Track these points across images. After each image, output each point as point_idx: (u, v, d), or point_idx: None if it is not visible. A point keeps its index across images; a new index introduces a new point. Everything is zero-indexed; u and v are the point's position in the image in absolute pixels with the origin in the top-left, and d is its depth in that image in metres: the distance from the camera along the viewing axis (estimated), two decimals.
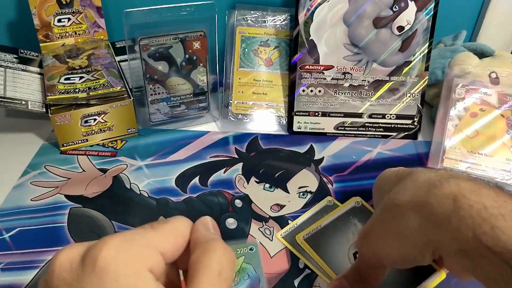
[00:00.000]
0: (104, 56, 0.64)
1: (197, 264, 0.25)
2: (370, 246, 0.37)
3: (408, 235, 0.33)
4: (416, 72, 0.60)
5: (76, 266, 0.24)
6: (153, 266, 0.24)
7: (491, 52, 0.63)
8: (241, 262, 0.44)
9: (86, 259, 0.23)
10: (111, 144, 0.60)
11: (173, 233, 0.27)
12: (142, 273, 0.24)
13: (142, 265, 0.24)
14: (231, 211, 0.50)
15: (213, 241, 0.26)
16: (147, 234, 0.26)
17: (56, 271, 0.24)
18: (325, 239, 0.46)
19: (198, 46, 0.57)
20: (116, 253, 0.23)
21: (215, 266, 0.25)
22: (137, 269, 0.24)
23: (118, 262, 0.23)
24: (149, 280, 0.24)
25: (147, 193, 0.52)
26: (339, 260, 0.44)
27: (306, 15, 0.59)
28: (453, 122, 0.56)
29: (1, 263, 0.44)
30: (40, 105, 0.58)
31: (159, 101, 0.60)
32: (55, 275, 0.24)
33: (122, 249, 0.24)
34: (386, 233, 0.35)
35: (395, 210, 0.34)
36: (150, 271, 0.24)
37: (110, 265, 0.23)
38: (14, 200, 0.51)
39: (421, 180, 0.34)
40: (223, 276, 0.25)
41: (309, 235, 0.46)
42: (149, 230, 0.26)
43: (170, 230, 0.27)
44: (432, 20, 0.58)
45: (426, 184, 0.33)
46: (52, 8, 0.64)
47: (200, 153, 0.58)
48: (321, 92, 0.61)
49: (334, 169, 0.56)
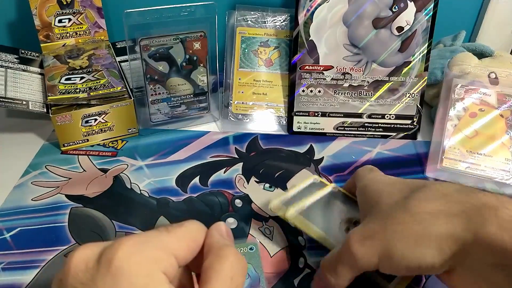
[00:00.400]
0: (105, 57, 0.64)
1: (210, 270, 0.26)
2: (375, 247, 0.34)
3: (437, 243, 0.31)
4: (416, 72, 0.60)
5: (91, 266, 0.24)
6: (166, 269, 0.25)
7: (491, 53, 0.63)
8: None
9: (102, 259, 0.24)
10: (112, 144, 0.60)
11: (187, 237, 0.27)
12: (155, 275, 0.24)
13: (156, 267, 0.24)
14: (231, 211, 0.50)
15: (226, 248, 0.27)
16: (161, 237, 0.26)
17: (71, 270, 0.24)
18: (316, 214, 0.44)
19: (198, 47, 0.57)
20: (131, 254, 0.24)
21: (228, 273, 0.26)
22: (151, 271, 0.24)
23: (132, 263, 0.24)
24: (162, 282, 0.24)
25: (147, 193, 0.52)
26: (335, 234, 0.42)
27: (306, 15, 0.59)
28: (453, 122, 0.56)
29: (2, 263, 0.44)
30: (40, 105, 0.58)
31: (159, 101, 0.60)
32: (70, 274, 0.24)
33: (137, 250, 0.24)
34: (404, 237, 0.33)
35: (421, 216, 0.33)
36: (164, 273, 0.25)
37: (125, 266, 0.23)
38: (15, 200, 0.51)
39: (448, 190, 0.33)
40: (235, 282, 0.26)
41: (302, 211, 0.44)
42: (164, 233, 0.27)
43: (184, 234, 0.27)
44: (431, 20, 0.58)
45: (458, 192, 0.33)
46: (53, 8, 0.64)
47: (200, 153, 0.58)
48: (321, 93, 0.61)
49: (333, 169, 0.56)
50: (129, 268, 0.23)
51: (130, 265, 0.24)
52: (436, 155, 0.56)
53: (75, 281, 0.24)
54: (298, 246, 0.46)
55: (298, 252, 0.46)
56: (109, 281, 0.23)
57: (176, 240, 0.26)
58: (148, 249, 0.25)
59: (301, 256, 0.45)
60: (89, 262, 0.24)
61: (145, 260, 0.24)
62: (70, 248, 0.46)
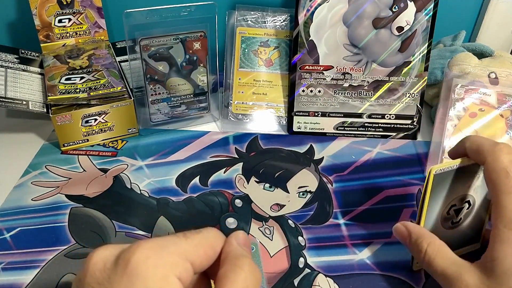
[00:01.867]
0: (105, 57, 0.64)
1: (225, 279, 0.26)
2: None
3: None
4: (416, 72, 0.60)
5: (109, 266, 0.25)
6: (181, 274, 0.25)
7: (491, 53, 0.63)
8: None
9: (119, 260, 0.25)
10: (112, 144, 0.60)
11: (204, 244, 0.28)
12: (170, 279, 0.25)
13: (171, 271, 0.25)
14: (231, 211, 0.50)
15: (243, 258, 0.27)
16: (179, 242, 0.27)
17: (90, 269, 0.25)
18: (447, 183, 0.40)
19: (198, 47, 0.57)
20: (148, 257, 0.24)
21: (241, 284, 0.26)
22: (166, 274, 0.24)
23: (148, 266, 0.24)
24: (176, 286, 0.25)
25: (147, 193, 0.52)
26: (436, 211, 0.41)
27: (306, 15, 0.59)
28: (453, 122, 0.56)
29: (2, 263, 0.44)
30: (40, 105, 0.58)
31: (159, 101, 0.60)
32: (88, 273, 0.25)
33: (154, 254, 0.25)
34: None
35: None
36: (178, 278, 0.25)
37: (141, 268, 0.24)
38: (15, 200, 0.51)
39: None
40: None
41: (442, 171, 0.40)
42: (182, 239, 0.27)
43: (201, 240, 0.28)
44: (431, 20, 0.58)
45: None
46: (53, 8, 0.64)
47: (200, 153, 0.58)
48: (321, 92, 0.61)
49: (333, 169, 0.56)
50: (145, 270, 0.24)
51: (147, 267, 0.24)
52: (436, 155, 0.56)
53: (92, 280, 0.25)
54: (298, 246, 0.46)
55: (298, 252, 0.46)
56: (125, 282, 0.24)
57: (193, 246, 0.27)
58: (165, 253, 0.25)
59: (301, 256, 0.45)
60: (107, 262, 0.25)
61: (161, 263, 0.25)
62: (70, 248, 0.46)
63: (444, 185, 0.40)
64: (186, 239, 0.27)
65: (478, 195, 0.42)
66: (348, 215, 0.50)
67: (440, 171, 0.39)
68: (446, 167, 0.39)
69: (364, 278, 0.43)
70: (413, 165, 0.57)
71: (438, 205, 0.41)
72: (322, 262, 0.45)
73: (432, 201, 0.40)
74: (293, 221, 0.49)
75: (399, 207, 0.51)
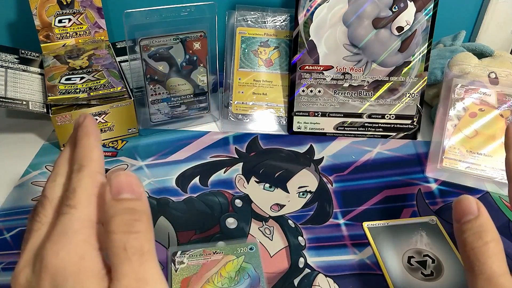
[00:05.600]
0: (105, 57, 0.64)
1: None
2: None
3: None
4: (416, 72, 0.60)
5: (29, 278, 0.25)
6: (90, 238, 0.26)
7: (490, 52, 0.63)
8: (241, 261, 0.44)
9: (35, 268, 0.25)
10: (112, 144, 0.60)
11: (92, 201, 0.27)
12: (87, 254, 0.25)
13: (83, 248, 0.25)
14: (231, 211, 0.50)
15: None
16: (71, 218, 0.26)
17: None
18: (387, 235, 0.47)
19: (198, 47, 0.58)
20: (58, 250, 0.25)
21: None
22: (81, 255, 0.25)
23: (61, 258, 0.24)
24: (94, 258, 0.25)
25: (147, 193, 0.52)
26: (393, 259, 0.45)
27: (305, 15, 0.59)
28: (453, 122, 0.56)
29: (2, 263, 0.44)
30: (41, 105, 0.58)
31: (159, 102, 0.60)
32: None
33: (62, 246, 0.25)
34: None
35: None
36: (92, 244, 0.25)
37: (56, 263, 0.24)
38: (15, 200, 0.51)
39: None
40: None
41: (374, 226, 0.48)
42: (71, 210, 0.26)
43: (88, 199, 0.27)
44: (431, 20, 0.58)
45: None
46: (53, 8, 0.64)
47: (200, 153, 0.58)
48: (321, 93, 0.61)
49: (333, 169, 0.56)
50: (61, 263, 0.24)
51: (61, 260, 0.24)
52: (436, 155, 0.56)
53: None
54: (298, 246, 0.46)
55: (298, 252, 0.46)
56: (48, 283, 0.24)
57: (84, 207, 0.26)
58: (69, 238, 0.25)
59: (301, 256, 0.45)
60: (27, 275, 0.25)
61: (73, 250, 0.25)
62: None
63: (385, 236, 0.47)
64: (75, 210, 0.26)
65: (439, 252, 0.45)
66: (348, 215, 0.50)
67: (372, 225, 0.48)
68: (377, 223, 0.48)
69: (364, 278, 0.43)
70: (413, 165, 0.57)
71: (391, 253, 0.45)
72: (322, 262, 0.45)
73: (381, 248, 0.46)
74: (293, 221, 0.49)
75: (399, 207, 0.51)
